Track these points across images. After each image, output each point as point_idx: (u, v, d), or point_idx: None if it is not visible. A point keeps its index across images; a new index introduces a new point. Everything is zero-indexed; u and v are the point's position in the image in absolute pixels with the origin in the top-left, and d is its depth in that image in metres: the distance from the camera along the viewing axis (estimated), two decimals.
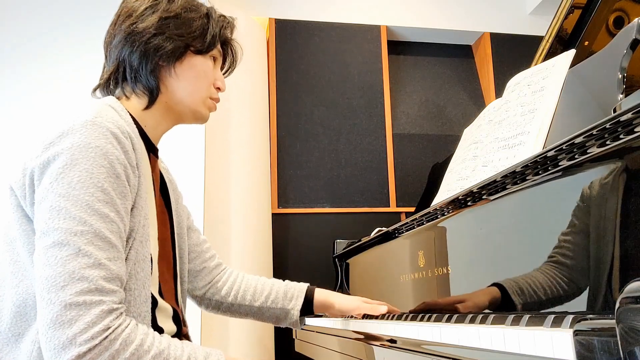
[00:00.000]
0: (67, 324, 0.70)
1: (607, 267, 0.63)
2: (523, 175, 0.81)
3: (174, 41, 0.93)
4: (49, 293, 0.71)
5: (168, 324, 0.97)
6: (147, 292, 0.86)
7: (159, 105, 0.96)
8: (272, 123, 2.60)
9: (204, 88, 0.99)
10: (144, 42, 0.92)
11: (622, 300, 0.44)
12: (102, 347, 0.71)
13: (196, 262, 1.19)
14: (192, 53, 0.96)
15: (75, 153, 0.77)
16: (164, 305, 0.96)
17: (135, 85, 0.94)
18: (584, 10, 1.45)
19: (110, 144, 0.79)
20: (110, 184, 0.78)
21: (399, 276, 1.27)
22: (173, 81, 0.95)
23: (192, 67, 0.96)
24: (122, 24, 0.94)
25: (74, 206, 0.75)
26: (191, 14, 0.96)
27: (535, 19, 3.02)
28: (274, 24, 2.72)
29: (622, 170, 0.62)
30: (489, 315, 0.76)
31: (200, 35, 0.97)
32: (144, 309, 0.85)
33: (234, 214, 2.29)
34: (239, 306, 1.22)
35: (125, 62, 0.93)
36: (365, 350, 1.05)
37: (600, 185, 0.65)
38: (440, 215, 1.08)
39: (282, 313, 1.23)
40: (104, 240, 0.75)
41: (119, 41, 0.94)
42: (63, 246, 0.73)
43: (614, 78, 0.89)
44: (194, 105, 0.98)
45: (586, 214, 0.67)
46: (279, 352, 2.37)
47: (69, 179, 0.76)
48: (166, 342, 0.80)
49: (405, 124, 2.82)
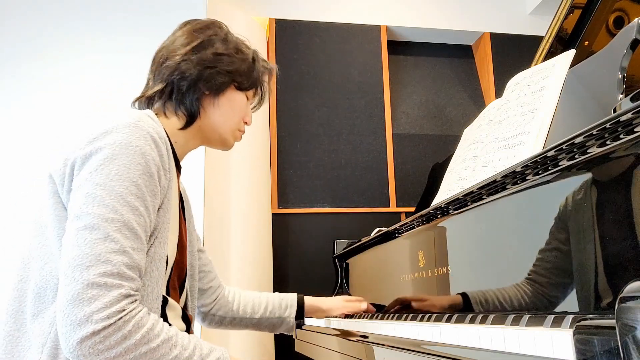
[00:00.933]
0: (86, 301, 0.75)
1: (607, 267, 0.63)
2: (523, 175, 0.81)
3: (223, 76, 1.04)
4: (74, 271, 0.76)
5: (177, 321, 1.01)
6: (159, 290, 0.90)
7: (193, 128, 1.05)
8: (272, 123, 2.60)
9: (236, 120, 1.10)
10: (196, 72, 1.01)
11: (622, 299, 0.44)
12: (116, 327, 0.75)
13: (204, 282, 1.29)
14: (234, 88, 1.07)
15: (116, 149, 0.84)
16: (173, 304, 1.00)
17: (179, 107, 1.03)
18: (584, 10, 1.45)
19: (148, 146, 0.87)
20: (144, 180, 0.85)
21: (399, 276, 1.27)
22: (212, 109, 1.05)
23: (231, 100, 1.07)
24: (177, 49, 1.03)
25: (108, 195, 0.81)
26: (241, 55, 1.08)
27: (535, 19, 3.02)
28: (274, 24, 2.72)
29: (622, 170, 0.62)
30: (489, 315, 0.76)
31: (246, 74, 1.08)
32: (154, 305, 0.89)
33: (234, 213, 2.29)
34: (241, 319, 1.35)
35: (174, 84, 1.02)
36: (365, 350, 1.05)
37: (600, 185, 0.65)
38: (440, 215, 1.08)
39: (278, 321, 1.39)
40: (132, 230, 0.81)
41: (171, 65, 1.02)
42: (94, 230, 0.79)
43: (614, 78, 0.89)
44: (224, 134, 1.09)
45: (586, 214, 0.67)
46: (279, 352, 2.37)
47: (108, 171, 0.82)
48: (174, 331, 0.85)
49: (405, 124, 2.82)
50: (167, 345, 0.81)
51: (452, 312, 0.98)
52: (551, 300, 0.73)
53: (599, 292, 0.64)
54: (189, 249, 1.14)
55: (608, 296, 0.62)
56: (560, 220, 0.72)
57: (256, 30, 2.59)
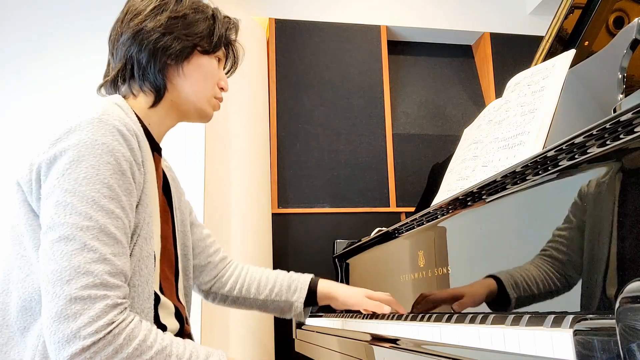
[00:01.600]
0: (71, 317, 0.71)
1: (607, 267, 0.63)
2: (523, 175, 0.81)
3: (182, 41, 0.95)
4: (54, 287, 0.72)
5: (170, 320, 0.97)
6: (150, 288, 0.87)
7: (164, 103, 0.98)
8: (272, 123, 2.60)
9: (210, 87, 1.02)
10: (152, 41, 0.94)
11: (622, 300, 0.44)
12: (106, 341, 0.72)
13: (201, 257, 1.20)
14: (199, 53, 0.99)
15: (81, 149, 0.78)
16: (166, 302, 0.96)
17: (143, 83, 0.96)
18: (584, 10, 1.45)
19: (116, 141, 0.81)
20: (116, 180, 0.79)
21: (399, 276, 1.27)
22: (180, 80, 0.98)
23: (198, 66, 0.99)
24: (129, 22, 0.96)
25: (80, 202, 0.76)
26: (198, 14, 0.98)
27: (535, 19, 3.02)
28: (274, 24, 2.72)
29: (622, 170, 0.62)
30: (489, 315, 0.76)
31: (207, 35, 0.99)
32: (147, 306, 0.85)
33: (234, 213, 2.29)
34: (244, 299, 1.24)
35: (133, 60, 0.95)
36: (365, 350, 1.05)
37: (600, 185, 0.65)
38: (440, 215, 1.08)
39: (286, 305, 1.25)
40: (109, 235, 0.77)
41: (126, 39, 0.95)
42: (69, 241, 0.74)
43: (614, 78, 0.89)
44: (199, 104, 1.01)
45: (586, 214, 0.67)
46: (279, 352, 2.37)
47: (76, 175, 0.77)
48: (169, 339, 0.80)
49: (405, 124, 2.82)
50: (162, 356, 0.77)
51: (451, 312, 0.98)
52: (551, 300, 0.73)
53: (599, 292, 0.64)
54: (180, 228, 1.09)
55: (608, 296, 0.62)
56: (560, 220, 0.72)
57: (256, 30, 2.59)
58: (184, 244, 1.10)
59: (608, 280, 0.62)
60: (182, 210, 1.11)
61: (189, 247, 1.12)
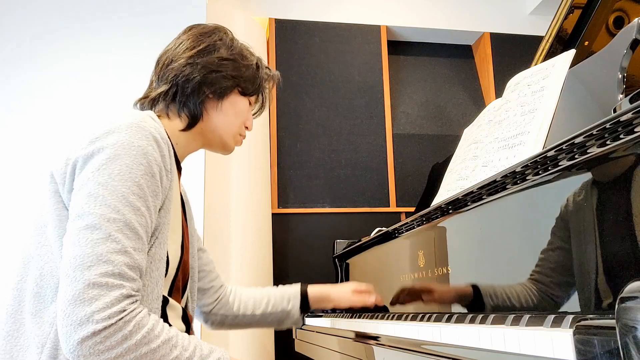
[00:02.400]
0: (87, 301, 0.75)
1: (607, 267, 0.63)
2: (523, 175, 0.81)
3: (227, 81, 1.05)
4: (75, 271, 0.76)
5: (177, 322, 1.01)
6: (159, 290, 0.90)
7: (194, 130, 1.06)
8: (272, 123, 2.61)
9: (238, 125, 1.11)
10: (201, 76, 1.02)
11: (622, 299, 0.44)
12: (117, 327, 0.75)
13: (205, 281, 1.27)
14: (238, 93, 1.08)
15: (118, 149, 0.84)
16: (174, 304, 1.00)
17: (182, 109, 1.03)
18: (584, 10, 1.45)
19: (150, 146, 0.87)
20: (146, 181, 0.85)
21: (399, 276, 1.27)
22: (215, 113, 1.06)
23: (234, 105, 1.08)
24: (183, 52, 1.03)
25: (110, 195, 0.81)
26: (246, 61, 1.09)
27: (535, 19, 3.02)
28: (274, 24, 2.72)
29: (622, 170, 0.62)
30: (489, 315, 0.76)
31: (250, 81, 1.09)
32: (154, 306, 0.88)
33: (234, 214, 2.29)
34: (243, 317, 1.32)
35: (178, 86, 1.02)
36: (365, 350, 1.05)
37: (600, 185, 0.65)
38: (440, 215, 1.08)
39: (283, 315, 1.34)
40: (133, 230, 0.81)
41: (177, 66, 1.02)
42: (95, 229, 0.79)
43: (614, 78, 0.89)
44: (225, 137, 1.10)
45: (586, 214, 0.67)
46: (279, 352, 2.37)
47: (110, 171, 0.82)
48: (175, 331, 0.85)
49: (405, 124, 2.82)
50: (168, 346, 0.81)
51: (451, 312, 0.98)
52: (551, 300, 0.73)
53: (599, 292, 0.64)
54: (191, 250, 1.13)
55: (608, 296, 0.62)
56: (560, 220, 0.72)
57: (256, 30, 2.59)
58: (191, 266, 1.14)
59: (608, 280, 0.62)
60: (192, 233, 1.17)
61: (196, 270, 1.17)
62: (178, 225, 1.01)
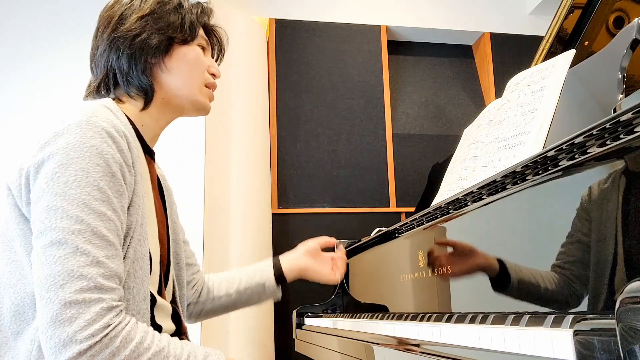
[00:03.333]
0: (67, 322, 0.70)
1: (607, 267, 0.63)
2: (523, 175, 0.81)
3: (156, 37, 0.95)
4: (48, 292, 0.72)
5: (167, 322, 0.97)
6: (146, 290, 0.86)
7: (155, 103, 0.97)
8: (272, 123, 2.60)
9: (198, 76, 1.00)
10: (128, 45, 0.94)
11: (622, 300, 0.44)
12: (103, 344, 0.71)
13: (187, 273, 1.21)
14: (178, 45, 0.98)
15: (70, 152, 0.77)
16: (162, 303, 0.96)
17: (129, 89, 0.95)
18: (584, 10, 1.45)
19: (105, 143, 0.80)
20: (107, 182, 0.78)
21: (399, 276, 1.27)
22: (165, 76, 0.97)
23: (181, 57, 0.98)
24: (102, 33, 0.96)
25: (70, 205, 0.75)
26: (165, 7, 0.98)
27: (535, 19, 3.02)
28: (274, 24, 2.72)
29: (622, 170, 0.62)
30: (489, 315, 0.76)
31: (180, 25, 0.98)
32: (142, 307, 0.85)
33: (234, 213, 2.29)
34: (219, 299, 1.24)
35: (114, 67, 0.95)
36: (365, 350, 1.05)
37: (600, 185, 0.65)
38: (440, 215, 1.08)
39: (258, 288, 1.25)
40: (102, 238, 0.76)
41: (103, 50, 0.95)
42: (61, 245, 0.73)
43: (614, 78, 0.89)
44: (192, 95, 1.00)
45: (586, 214, 0.67)
46: (279, 352, 2.37)
47: (65, 178, 0.76)
48: (166, 341, 0.80)
49: (405, 124, 2.82)
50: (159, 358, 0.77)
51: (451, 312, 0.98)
52: (551, 300, 0.73)
53: (599, 292, 0.64)
54: (173, 237, 1.08)
55: (608, 296, 0.62)
56: (560, 220, 0.72)
57: (256, 30, 2.59)
58: (176, 253, 1.10)
59: (608, 280, 0.62)
60: (174, 219, 1.11)
61: (182, 257, 1.12)
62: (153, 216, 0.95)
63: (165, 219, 1.05)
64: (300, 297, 2.40)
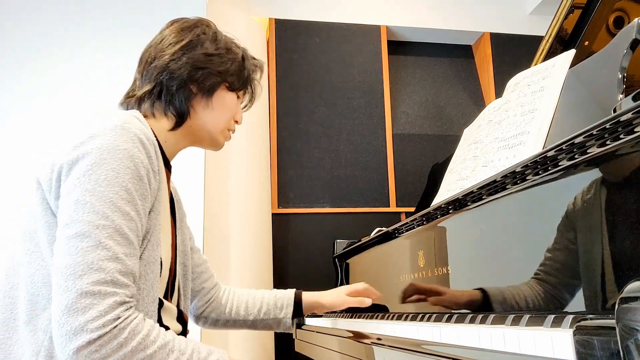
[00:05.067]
0: (81, 311, 0.74)
1: (607, 267, 0.63)
2: (523, 175, 0.81)
3: (213, 77, 1.02)
4: (67, 281, 0.75)
5: (173, 323, 1.00)
6: (155, 293, 0.89)
7: (183, 128, 1.03)
8: (272, 123, 2.60)
9: (227, 120, 1.08)
10: (186, 73, 0.99)
11: (622, 300, 0.44)
12: (112, 335, 0.75)
13: (196, 283, 1.25)
14: (225, 89, 1.05)
15: (103, 153, 0.82)
16: (169, 306, 0.99)
17: (168, 108, 1.01)
18: (584, 10, 1.45)
19: (136, 148, 0.85)
20: (134, 184, 0.83)
21: (399, 276, 1.27)
22: (202, 110, 1.03)
23: (222, 100, 1.05)
24: (165, 49, 1.01)
25: (98, 201, 0.79)
26: (230, 55, 1.06)
27: (535, 19, 3.02)
28: (274, 24, 2.72)
29: (622, 170, 0.62)
30: (489, 315, 0.76)
31: (237, 75, 1.06)
32: (151, 309, 0.88)
33: (234, 214, 2.29)
34: (235, 321, 1.30)
35: (163, 85, 1.00)
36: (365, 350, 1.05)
37: (600, 185, 0.65)
38: (440, 215, 1.08)
39: (274, 322, 1.32)
40: (123, 236, 0.80)
41: (160, 64, 1.00)
42: (85, 237, 0.77)
43: (614, 78, 0.89)
44: (214, 133, 1.07)
45: (586, 214, 0.67)
46: (279, 352, 2.37)
47: (96, 177, 0.81)
48: (171, 335, 0.84)
49: (405, 124, 2.82)
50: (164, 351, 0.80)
51: (451, 312, 0.98)
52: (551, 300, 0.73)
53: (599, 292, 0.64)
54: (181, 248, 1.12)
55: (608, 296, 0.62)
56: (560, 221, 0.72)
57: (256, 30, 2.59)
58: (184, 264, 1.13)
59: (608, 280, 0.62)
60: (183, 231, 1.15)
61: (189, 268, 1.15)
62: (167, 226, 1.00)
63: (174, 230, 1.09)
64: None
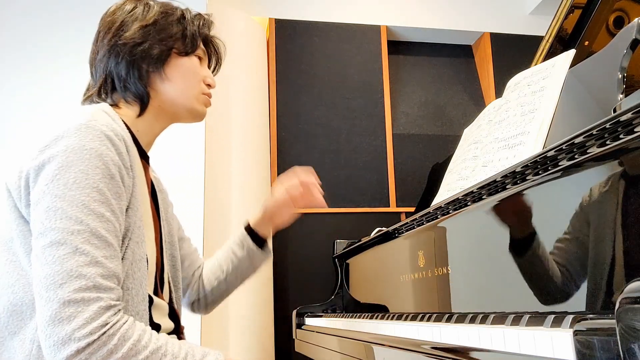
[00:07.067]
0: (65, 320, 0.72)
1: (607, 267, 0.63)
2: (523, 175, 0.81)
3: (157, 47, 0.96)
4: (48, 291, 0.73)
5: (164, 320, 0.98)
6: (144, 291, 0.87)
7: (151, 110, 0.99)
8: (272, 123, 2.60)
9: (194, 85, 1.02)
10: (128, 52, 0.95)
11: (622, 300, 0.44)
12: (101, 342, 0.72)
13: (188, 271, 1.22)
14: (177, 55, 1.00)
15: (70, 155, 0.79)
16: (159, 302, 0.97)
17: (125, 94, 0.97)
18: (584, 10, 1.45)
19: (104, 146, 0.81)
20: (106, 184, 0.80)
21: (399, 276, 1.27)
22: (162, 84, 0.99)
23: (179, 68, 1.00)
24: (103, 39, 0.97)
25: (70, 206, 0.76)
26: (168, 18, 0.99)
27: (535, 19, 3.02)
28: (274, 24, 2.72)
29: (622, 170, 0.62)
30: (489, 315, 0.76)
31: (181, 37, 1.00)
32: (141, 308, 0.86)
33: (234, 213, 2.29)
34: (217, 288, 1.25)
35: (113, 73, 0.96)
36: (365, 350, 1.05)
37: (600, 185, 0.65)
38: (440, 215, 1.08)
39: (245, 260, 1.26)
40: (101, 239, 0.77)
41: (103, 55, 0.97)
42: (60, 245, 0.75)
43: (614, 78, 0.89)
44: (188, 103, 1.01)
45: (586, 214, 0.67)
46: (279, 352, 2.37)
47: (65, 180, 0.77)
48: (164, 339, 0.81)
49: (405, 124, 2.82)
50: (157, 356, 0.78)
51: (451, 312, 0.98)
52: (551, 300, 0.73)
53: (599, 292, 0.64)
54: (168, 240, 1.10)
55: (608, 296, 0.62)
56: (560, 220, 0.72)
57: (256, 30, 2.59)
58: (172, 255, 1.11)
59: (608, 280, 0.62)
60: (169, 221, 1.12)
61: (177, 259, 1.13)
62: (149, 219, 0.97)
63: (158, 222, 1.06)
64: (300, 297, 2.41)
